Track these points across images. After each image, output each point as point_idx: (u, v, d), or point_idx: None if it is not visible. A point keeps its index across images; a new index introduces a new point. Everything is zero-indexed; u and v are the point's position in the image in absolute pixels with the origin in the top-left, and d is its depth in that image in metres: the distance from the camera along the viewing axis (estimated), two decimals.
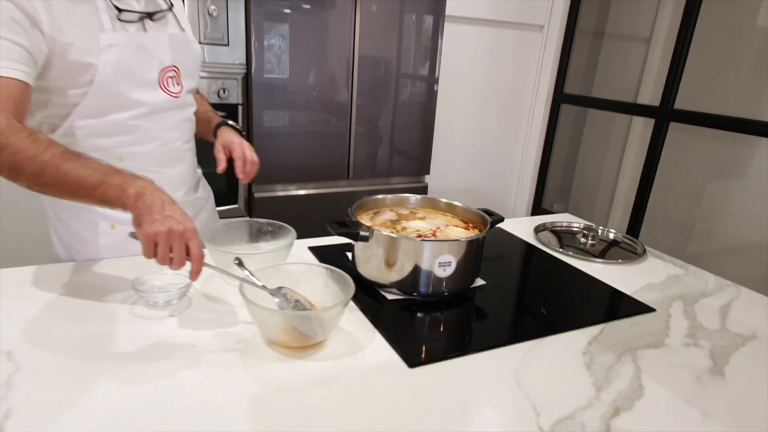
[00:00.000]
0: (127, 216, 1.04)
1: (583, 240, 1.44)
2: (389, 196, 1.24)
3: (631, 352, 0.88)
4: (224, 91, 2.20)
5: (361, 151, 2.51)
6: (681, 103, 2.47)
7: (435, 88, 2.57)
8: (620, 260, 1.30)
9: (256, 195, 2.37)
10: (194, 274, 0.83)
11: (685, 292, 1.14)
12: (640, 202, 2.64)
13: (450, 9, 2.54)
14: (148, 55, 1.02)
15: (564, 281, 1.20)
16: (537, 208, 3.35)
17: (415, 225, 1.14)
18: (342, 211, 1.10)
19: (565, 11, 2.93)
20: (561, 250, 1.34)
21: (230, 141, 1.18)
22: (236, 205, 2.42)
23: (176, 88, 1.09)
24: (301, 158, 2.38)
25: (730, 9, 2.49)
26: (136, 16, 1.01)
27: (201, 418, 0.66)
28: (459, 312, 1.02)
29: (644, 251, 1.36)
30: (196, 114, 1.22)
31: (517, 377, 0.79)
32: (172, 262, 0.81)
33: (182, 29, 1.12)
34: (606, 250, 1.39)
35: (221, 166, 1.15)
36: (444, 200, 1.23)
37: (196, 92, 1.30)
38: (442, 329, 0.97)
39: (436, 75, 2.54)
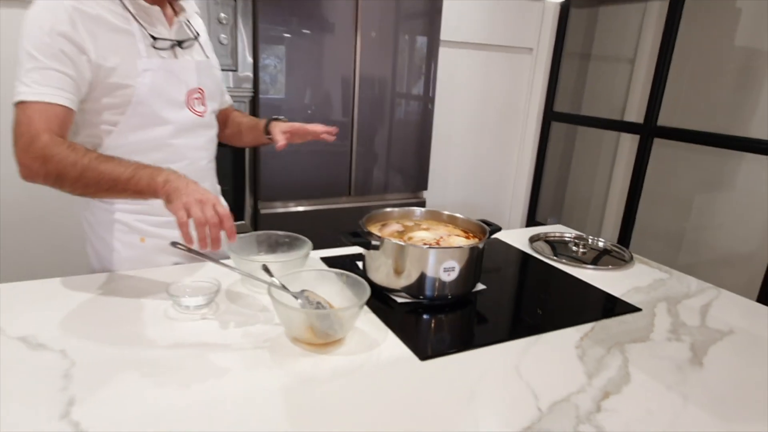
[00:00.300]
0: (156, 230, 1.13)
1: (574, 249, 1.53)
2: (396, 209, 1.33)
3: (619, 345, 0.97)
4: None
5: (362, 168, 2.61)
6: (667, 119, 2.59)
7: (431, 108, 2.68)
8: (610, 266, 1.40)
9: (262, 211, 2.46)
10: (231, 232, 0.92)
11: (669, 294, 1.23)
12: (629, 214, 2.75)
13: (444, 34, 2.66)
14: (178, 79, 1.12)
15: (558, 285, 1.29)
16: (531, 222, 3.45)
17: (420, 235, 1.23)
18: (345, 226, 1.19)
19: (552, 35, 3.07)
20: (555, 258, 1.43)
21: (290, 125, 1.30)
22: (243, 221, 2.51)
23: (201, 108, 1.19)
24: (305, 176, 2.48)
25: (711, 30, 2.62)
26: (167, 44, 1.11)
27: (238, 407, 0.74)
28: (462, 313, 1.11)
29: (632, 258, 1.46)
30: (242, 125, 1.35)
31: (517, 368, 0.87)
32: (205, 233, 0.90)
33: (207, 56, 1.22)
34: (597, 258, 1.48)
35: (281, 143, 1.26)
36: (446, 212, 1.32)
37: (233, 109, 1.40)
38: (448, 328, 1.06)
39: (432, 95, 2.66)
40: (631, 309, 1.13)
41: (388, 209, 1.31)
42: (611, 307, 1.15)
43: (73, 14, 0.97)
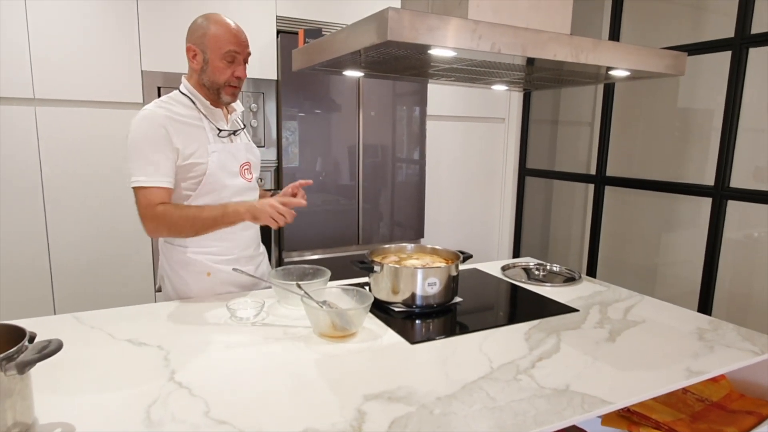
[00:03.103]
0: (220, 266, 1.44)
1: (536, 273, 1.82)
2: (393, 245, 1.63)
3: (556, 332, 1.24)
4: (260, 180, 2.65)
5: (368, 221, 2.94)
6: (625, 171, 2.92)
7: (423, 170, 3.04)
8: (561, 283, 1.68)
9: (286, 259, 2.76)
10: (290, 208, 1.39)
11: (604, 300, 1.51)
12: (593, 250, 3.04)
13: (430, 109, 3.07)
14: (234, 156, 1.46)
15: (518, 297, 1.56)
16: None
17: (411, 262, 1.52)
18: (354, 270, 1.49)
19: (520, 106, 3.48)
20: (521, 280, 1.71)
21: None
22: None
23: (249, 176, 1.53)
24: (320, 229, 2.80)
25: (657, 95, 3.00)
26: (226, 133, 1.46)
27: (284, 369, 1.02)
28: (444, 317, 1.39)
29: (580, 277, 1.74)
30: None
31: (480, 346, 1.15)
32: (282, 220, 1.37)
33: (249, 140, 1.57)
34: (552, 278, 1.76)
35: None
36: (429, 246, 1.62)
37: None
38: (432, 325, 1.33)
39: (423, 159, 3.02)
40: (571, 310, 1.40)
41: (386, 245, 1.62)
42: (556, 309, 1.43)
43: (165, 120, 1.34)
